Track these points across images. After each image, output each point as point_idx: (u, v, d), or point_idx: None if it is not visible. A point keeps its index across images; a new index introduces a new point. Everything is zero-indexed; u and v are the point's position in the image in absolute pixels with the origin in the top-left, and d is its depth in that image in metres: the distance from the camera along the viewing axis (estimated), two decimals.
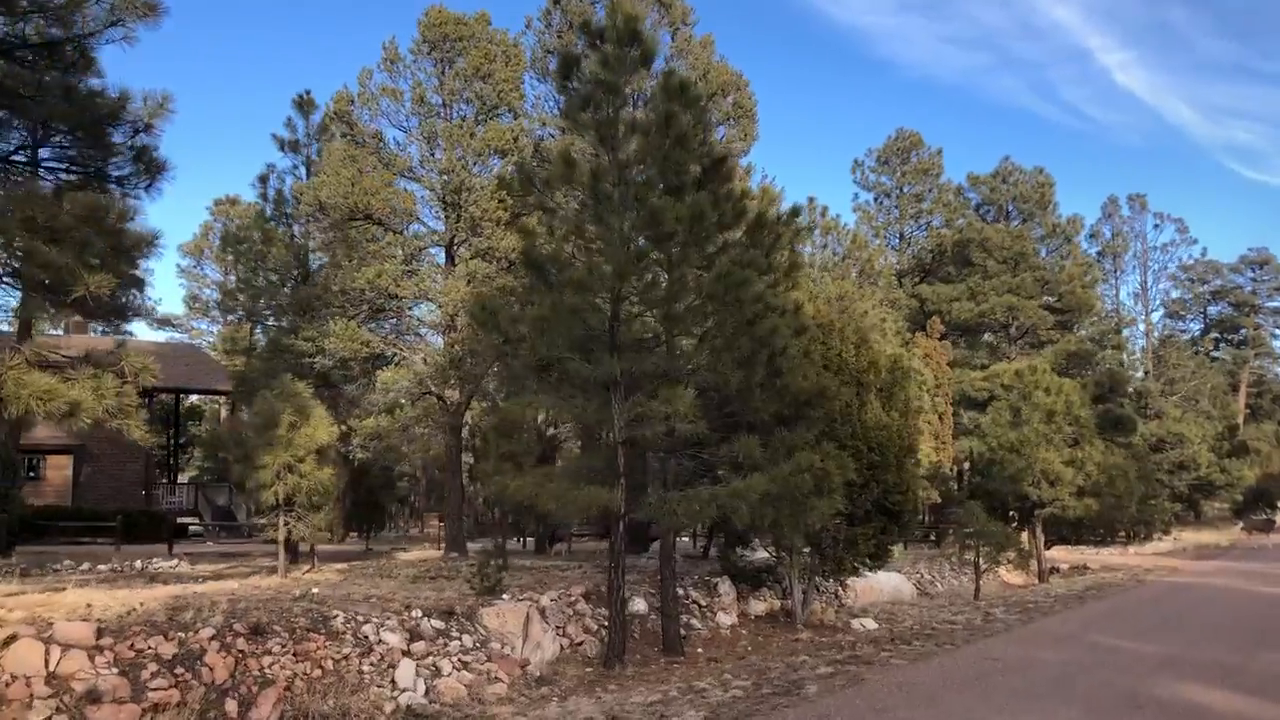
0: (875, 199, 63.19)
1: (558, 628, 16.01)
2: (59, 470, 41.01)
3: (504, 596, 15.93)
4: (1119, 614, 19.58)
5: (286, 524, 19.50)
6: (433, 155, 24.18)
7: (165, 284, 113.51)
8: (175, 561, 23.41)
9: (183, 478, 53.21)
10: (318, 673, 12.10)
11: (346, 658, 12.56)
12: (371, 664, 12.68)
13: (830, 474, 16.07)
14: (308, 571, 20.79)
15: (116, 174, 13.16)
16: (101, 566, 21.76)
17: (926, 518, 46.35)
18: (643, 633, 17.62)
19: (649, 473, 16.59)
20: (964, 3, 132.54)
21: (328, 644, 12.54)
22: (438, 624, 14.22)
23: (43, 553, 25.92)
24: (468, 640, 14.23)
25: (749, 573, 21.34)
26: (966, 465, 42.40)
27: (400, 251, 23.91)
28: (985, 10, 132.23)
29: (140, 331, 72.08)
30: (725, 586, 20.68)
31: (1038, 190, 52.07)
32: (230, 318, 32.31)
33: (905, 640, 16.16)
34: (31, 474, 40.71)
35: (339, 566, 22.24)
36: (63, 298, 11.98)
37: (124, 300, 23.68)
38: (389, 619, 13.69)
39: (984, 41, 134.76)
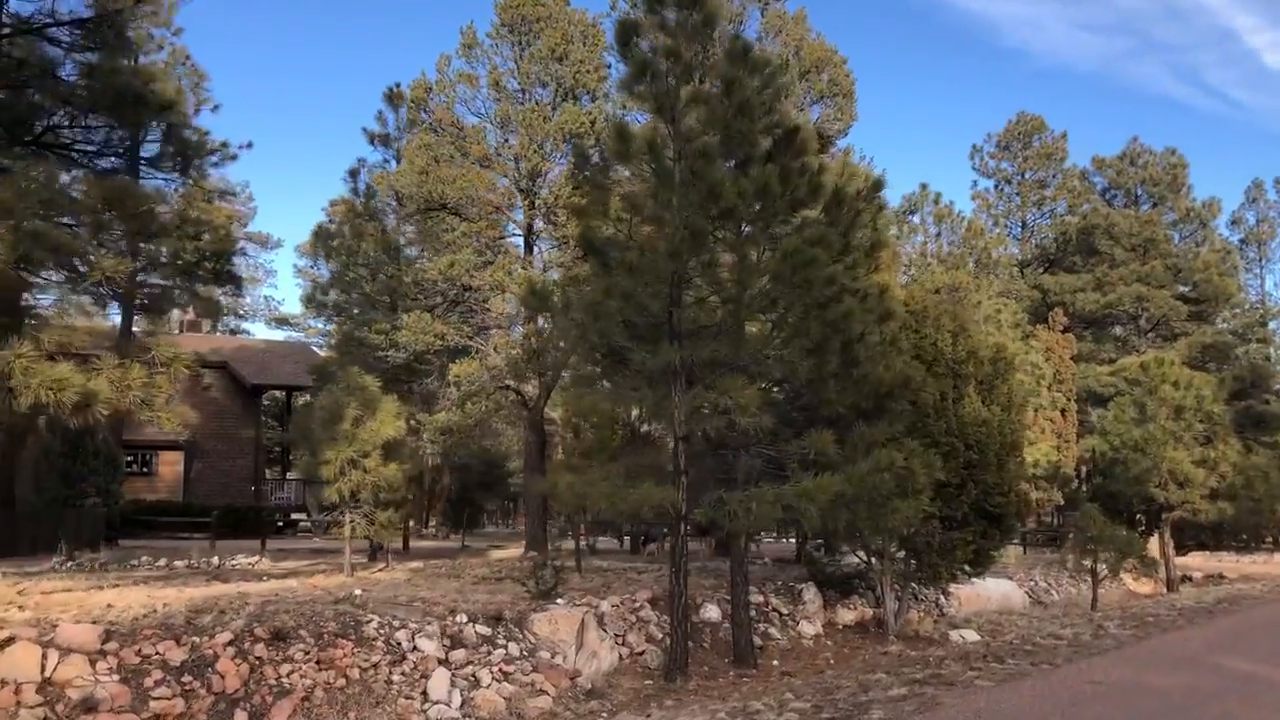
0: (995, 186, 60.41)
1: (617, 636, 14.96)
2: (171, 466, 41.79)
3: (558, 601, 14.96)
4: (1252, 632, 17.55)
5: (352, 521, 18.94)
6: (508, 142, 23.43)
7: (285, 283, 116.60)
8: (257, 558, 23.19)
9: (296, 473, 54.06)
10: (342, 682, 11.31)
11: (375, 666, 11.74)
12: (403, 673, 11.84)
13: (915, 473, 14.64)
14: (380, 570, 20.22)
15: (146, 156, 12.57)
16: (179, 563, 21.62)
17: (1055, 520, 43.87)
18: (714, 642, 16.45)
19: (720, 470, 15.39)
20: None
21: (356, 651, 11.74)
22: (483, 630, 13.32)
23: (138, 547, 26.12)
24: (514, 648, 13.29)
25: (836, 579, 19.93)
26: (1091, 465, 39.81)
27: (476, 241, 23.19)
28: None
29: (259, 330, 73.81)
30: (810, 593, 19.33)
31: (1169, 173, 48.68)
32: (324, 314, 32.13)
33: (1000, 657, 14.58)
34: (145, 470, 41.64)
35: (414, 565, 21.66)
36: (82, 282, 11.41)
37: (218, 299, 23.50)
38: (429, 624, 12.84)
39: (1122, 26, 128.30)
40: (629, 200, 14.29)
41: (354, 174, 27.98)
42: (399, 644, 12.19)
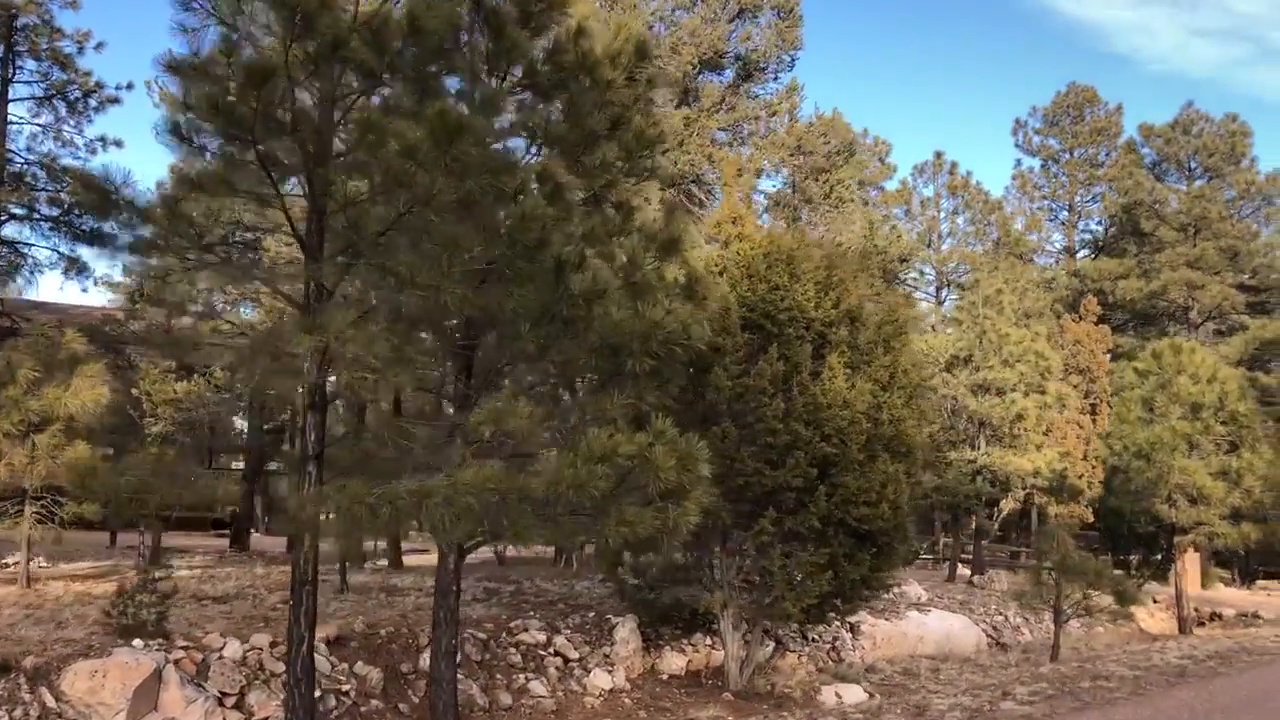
0: (1042, 165, 54.21)
1: (225, 694, 10.25)
2: None
3: (136, 644, 10.28)
4: (1252, 708, 12.17)
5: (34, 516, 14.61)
6: None
7: None
8: None
9: None
10: None
11: None
12: None
13: (657, 466, 9.65)
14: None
15: None
16: None
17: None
18: (433, 704, 11.67)
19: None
20: None
21: None
22: None
23: None
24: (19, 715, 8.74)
25: (669, 613, 14.91)
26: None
27: None
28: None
29: None
30: (626, 630, 14.40)
31: (1228, 141, 42.03)
32: None
33: None
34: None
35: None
36: None
37: None
38: None
39: (1240, 32, 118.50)
40: None
41: None
42: None
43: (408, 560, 21.80)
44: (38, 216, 26.62)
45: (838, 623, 18.06)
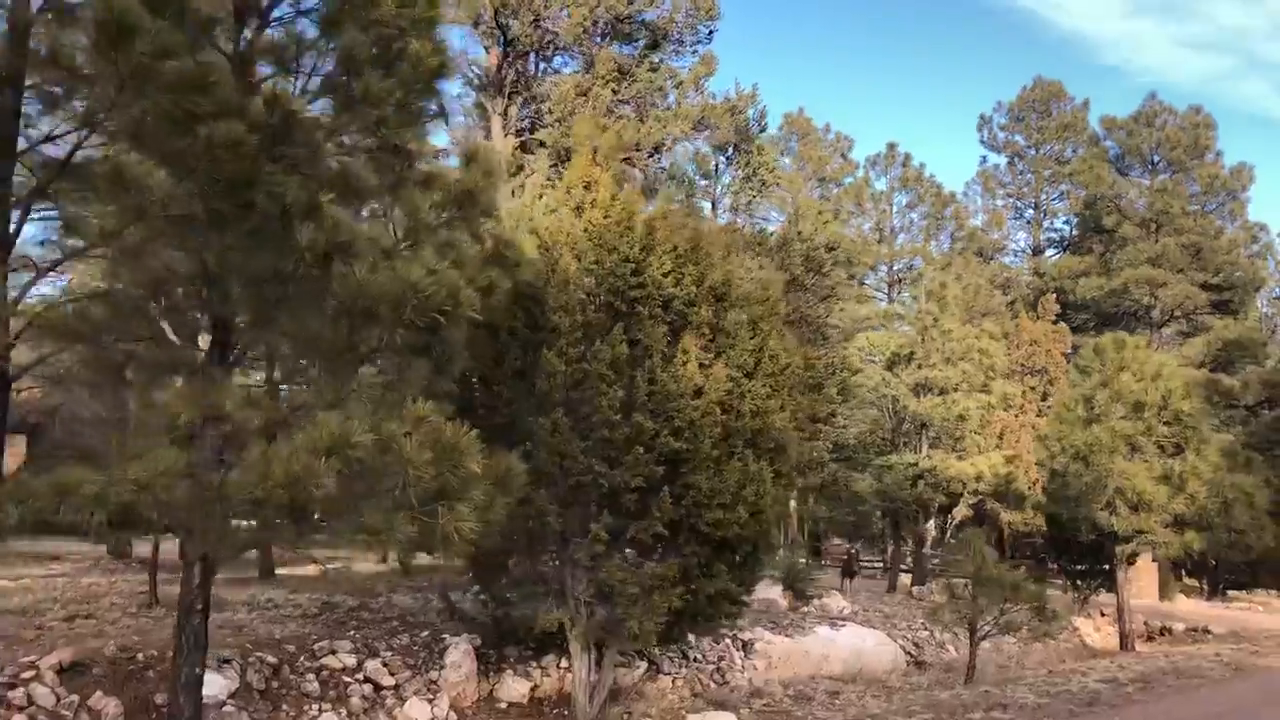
0: (1008, 161, 52.66)
1: None
2: None
3: None
4: None
5: None
6: None
7: None
8: None
9: None
10: None
11: None
12: None
13: (408, 460, 7.86)
14: None
15: None
16: None
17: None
18: None
19: None
20: (1206, 3, 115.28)
21: None
22: None
23: None
24: None
25: (507, 631, 13.10)
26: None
27: None
28: (1230, 11, 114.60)
29: None
30: (457, 652, 12.59)
31: (1190, 133, 40.39)
32: None
33: None
34: None
35: None
36: None
37: None
38: None
39: (1227, 45, 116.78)
40: None
41: None
42: None
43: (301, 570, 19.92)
44: None
45: (728, 639, 16.37)
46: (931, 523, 35.20)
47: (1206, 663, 17.25)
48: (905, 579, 31.01)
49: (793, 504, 38.41)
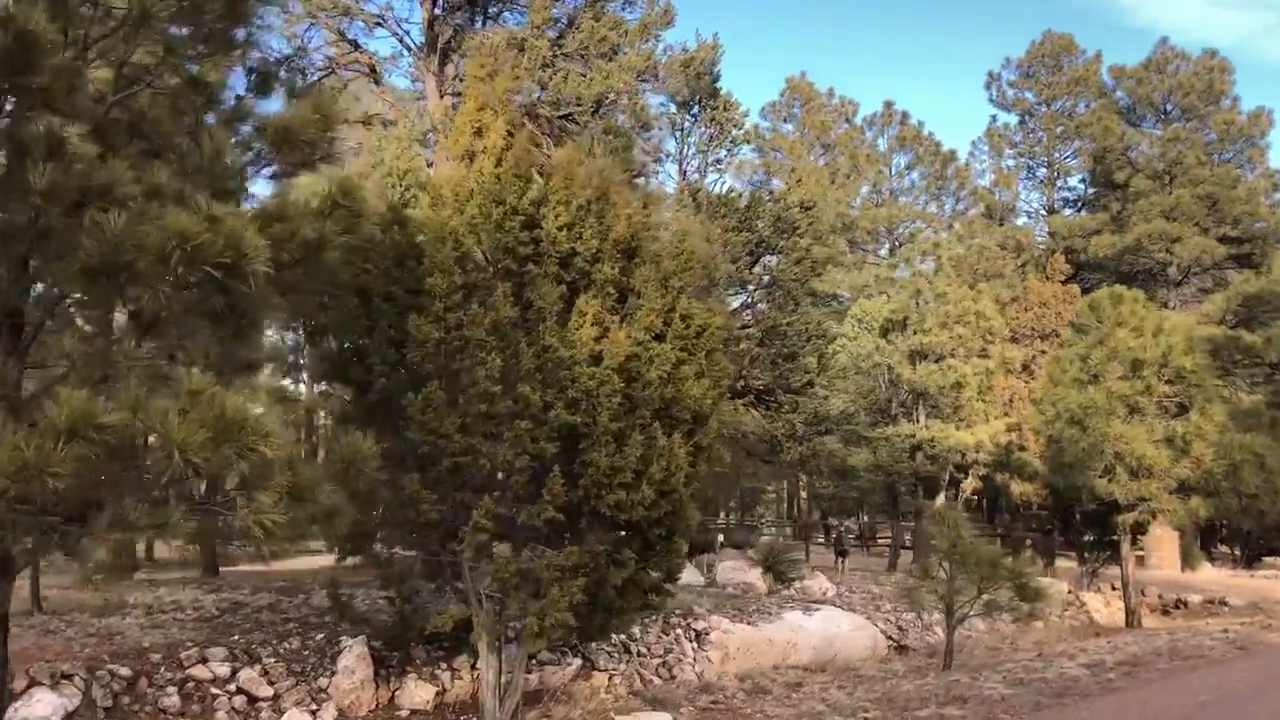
0: (1019, 120, 50.73)
1: None
2: None
3: None
4: None
5: None
6: None
7: None
8: None
9: None
10: None
11: None
12: None
13: (178, 444, 6.58)
14: None
15: None
16: None
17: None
18: None
19: None
20: None
21: None
22: None
23: None
24: None
25: (406, 630, 11.83)
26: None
27: None
28: None
29: None
30: (351, 656, 11.39)
31: (1204, 79, 38.30)
32: None
33: None
34: None
35: None
36: None
37: None
38: None
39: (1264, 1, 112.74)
40: None
41: None
42: None
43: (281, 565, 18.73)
44: None
45: (679, 630, 15.08)
46: (941, 496, 33.79)
47: (1210, 640, 15.75)
48: (908, 557, 29.58)
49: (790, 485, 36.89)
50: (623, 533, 10.57)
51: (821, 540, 30.62)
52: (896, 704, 11.51)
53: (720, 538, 23.77)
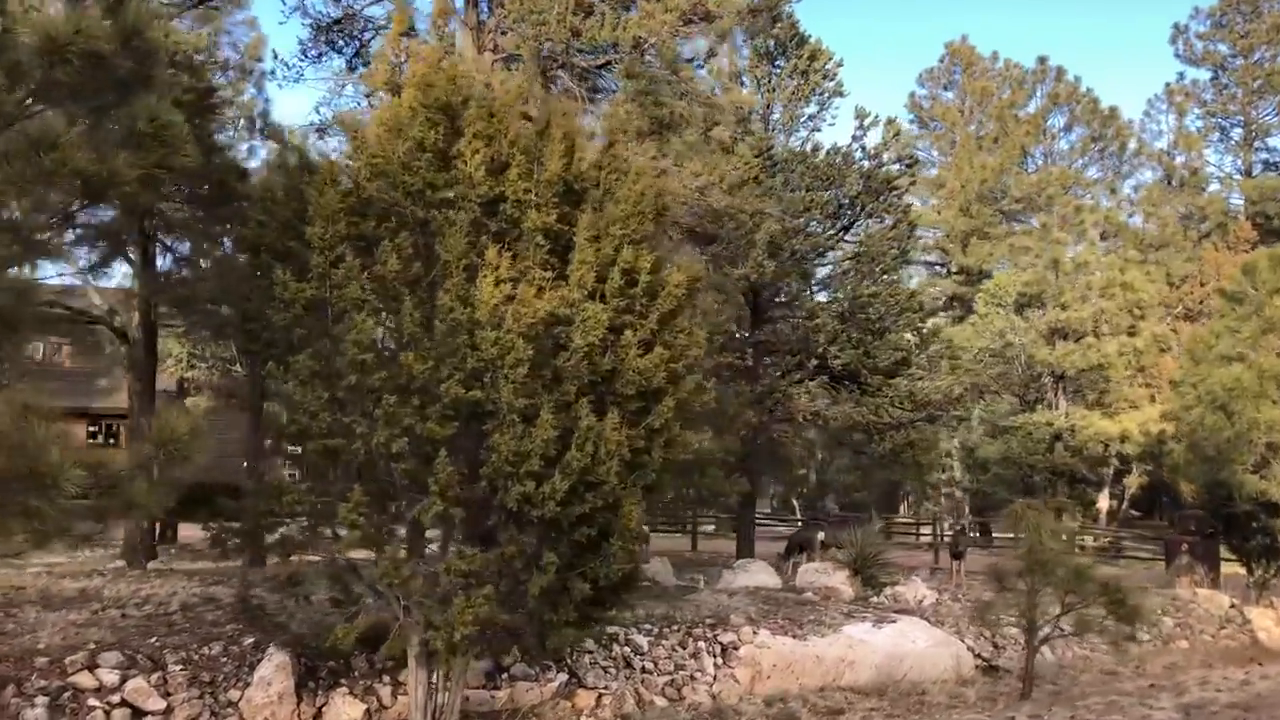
0: (1211, 75, 45.62)
1: None
2: None
3: None
4: None
5: None
6: None
7: None
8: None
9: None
10: None
11: None
12: None
13: None
14: None
15: None
16: None
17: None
18: None
19: None
20: None
21: None
22: None
23: None
24: None
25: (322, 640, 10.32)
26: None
27: None
28: None
29: None
30: (269, 667, 10.00)
31: None
32: None
33: None
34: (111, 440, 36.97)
35: None
36: None
37: None
38: None
39: None
40: None
41: None
42: None
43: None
44: None
45: (700, 642, 13.09)
46: (1105, 493, 30.31)
47: None
48: None
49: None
50: (552, 534, 8.72)
51: (930, 539, 27.52)
52: None
53: (821, 535, 21.44)
